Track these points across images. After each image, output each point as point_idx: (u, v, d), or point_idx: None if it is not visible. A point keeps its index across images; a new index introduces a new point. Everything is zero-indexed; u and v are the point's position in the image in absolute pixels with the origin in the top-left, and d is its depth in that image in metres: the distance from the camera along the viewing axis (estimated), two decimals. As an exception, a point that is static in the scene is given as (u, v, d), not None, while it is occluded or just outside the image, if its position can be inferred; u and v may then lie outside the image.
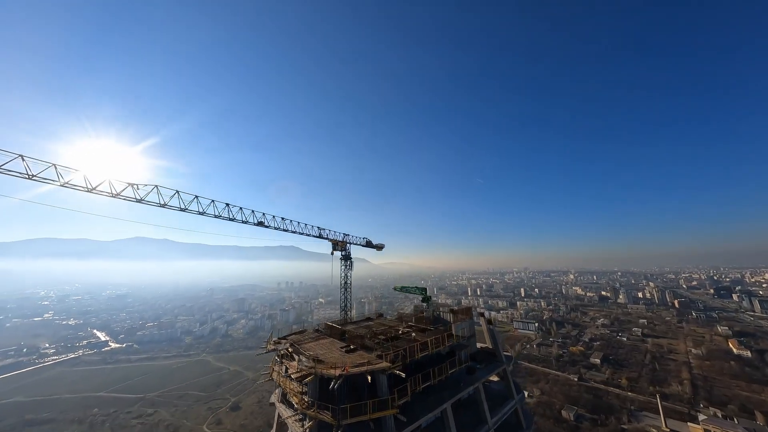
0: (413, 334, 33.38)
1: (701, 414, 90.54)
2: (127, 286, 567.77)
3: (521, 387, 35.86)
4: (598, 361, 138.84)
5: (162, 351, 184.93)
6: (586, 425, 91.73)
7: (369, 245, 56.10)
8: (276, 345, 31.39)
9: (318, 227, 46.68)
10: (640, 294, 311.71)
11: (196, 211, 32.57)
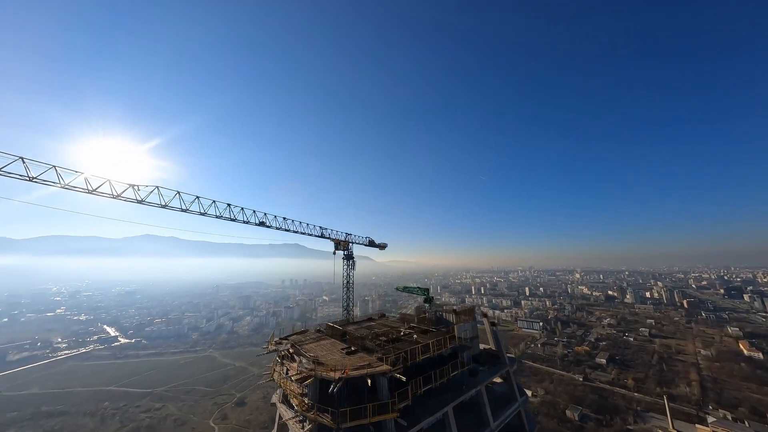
0: (415, 335, 33.00)
1: (710, 416, 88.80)
2: (136, 282, 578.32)
3: (525, 386, 35.43)
4: (603, 361, 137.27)
5: (170, 347, 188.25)
6: (590, 425, 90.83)
7: (371, 244, 55.90)
8: (277, 345, 31.40)
9: (320, 227, 46.61)
10: (647, 294, 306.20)
11: (197, 212, 32.57)
